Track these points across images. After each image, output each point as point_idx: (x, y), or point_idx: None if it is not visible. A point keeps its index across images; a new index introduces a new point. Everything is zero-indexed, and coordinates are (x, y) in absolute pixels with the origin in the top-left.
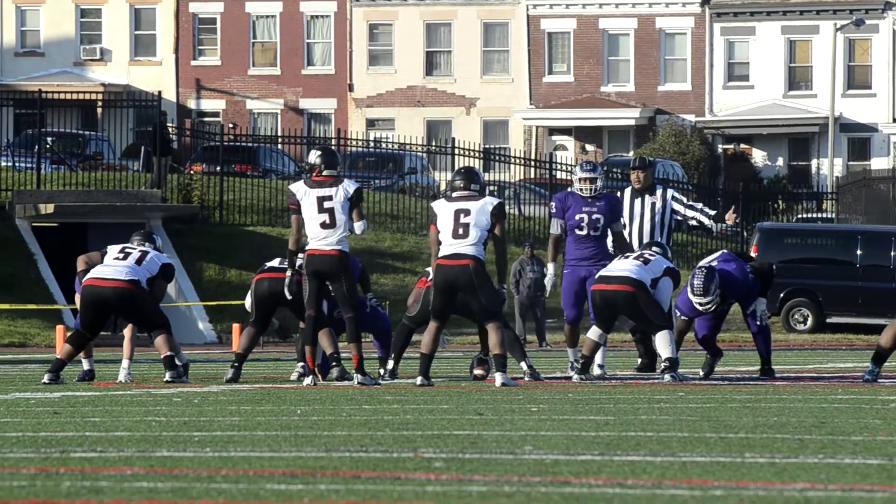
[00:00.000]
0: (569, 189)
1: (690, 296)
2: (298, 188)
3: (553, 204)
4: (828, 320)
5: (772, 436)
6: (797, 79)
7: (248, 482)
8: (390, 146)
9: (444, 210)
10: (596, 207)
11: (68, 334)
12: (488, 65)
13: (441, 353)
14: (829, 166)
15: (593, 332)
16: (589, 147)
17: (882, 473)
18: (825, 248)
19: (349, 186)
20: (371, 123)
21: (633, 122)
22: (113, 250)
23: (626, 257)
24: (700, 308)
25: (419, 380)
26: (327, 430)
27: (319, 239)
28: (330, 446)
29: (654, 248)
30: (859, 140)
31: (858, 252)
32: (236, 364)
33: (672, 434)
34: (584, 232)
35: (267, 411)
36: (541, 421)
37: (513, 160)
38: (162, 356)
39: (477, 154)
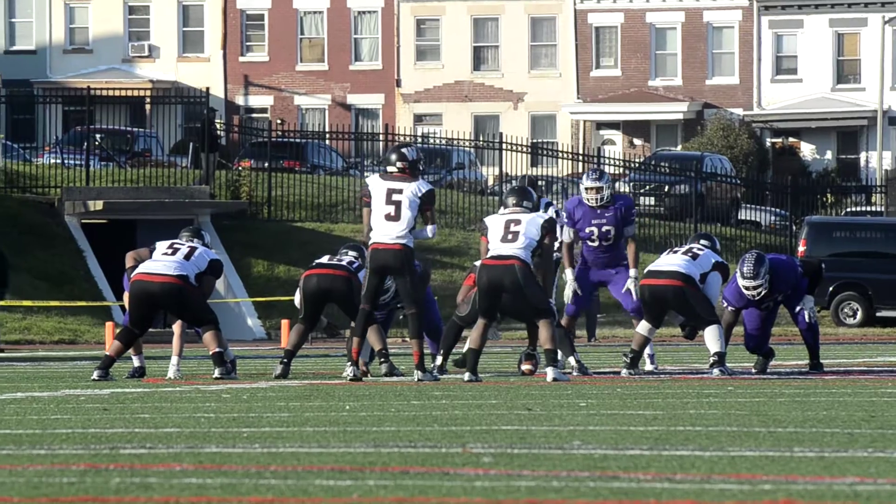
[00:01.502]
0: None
1: (739, 280)
2: (372, 180)
3: (563, 214)
4: (877, 314)
5: (821, 430)
6: (845, 72)
7: (296, 478)
8: (438, 141)
9: (495, 222)
10: (605, 219)
11: (117, 331)
12: (536, 59)
13: (490, 347)
14: (877, 159)
15: (642, 327)
16: (637, 141)
17: None
18: (874, 241)
19: (422, 186)
20: (418, 118)
21: (680, 116)
22: (161, 246)
23: (675, 252)
24: (748, 293)
25: (467, 375)
26: (376, 426)
27: (383, 232)
28: (378, 442)
29: (702, 242)
30: None
31: None
32: (285, 360)
33: (721, 428)
34: (596, 243)
35: (315, 407)
36: (589, 416)
37: (560, 155)
38: (211, 352)
39: (524, 149)
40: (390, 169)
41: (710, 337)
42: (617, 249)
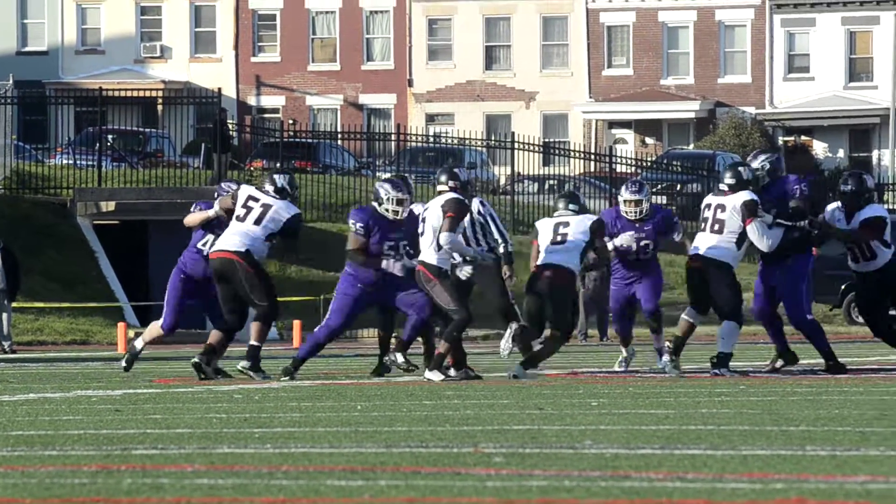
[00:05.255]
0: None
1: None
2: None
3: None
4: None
5: (833, 428)
6: (858, 70)
7: (308, 478)
8: (450, 141)
9: (545, 225)
10: (644, 233)
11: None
12: (547, 59)
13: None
14: (890, 157)
15: (688, 313)
16: (649, 140)
17: None
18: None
19: (447, 196)
20: (430, 118)
21: (692, 115)
22: (242, 196)
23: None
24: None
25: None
26: (387, 426)
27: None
28: (390, 442)
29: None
30: None
31: None
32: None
33: (733, 427)
34: (634, 256)
35: (327, 407)
36: (601, 415)
37: (572, 154)
38: (248, 343)
39: (536, 148)
40: (440, 188)
41: (724, 333)
42: (651, 261)
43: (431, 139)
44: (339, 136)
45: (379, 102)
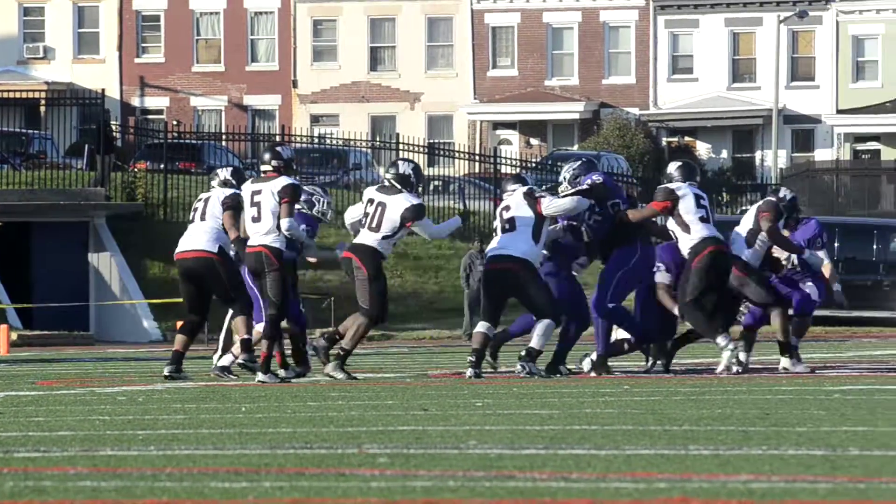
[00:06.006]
0: None
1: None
2: (244, 185)
3: None
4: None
5: (716, 428)
6: (741, 71)
7: (192, 480)
8: (335, 142)
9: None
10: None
11: (180, 324)
12: (432, 60)
13: (387, 348)
14: (773, 158)
15: (483, 326)
16: (533, 141)
17: (825, 464)
18: None
19: (283, 181)
20: (315, 119)
21: (577, 116)
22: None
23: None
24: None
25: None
26: (272, 428)
27: (251, 234)
28: (274, 443)
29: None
30: (803, 132)
31: None
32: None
33: (616, 427)
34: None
35: (211, 409)
36: (485, 415)
37: (457, 155)
38: (239, 338)
39: (421, 149)
40: (263, 168)
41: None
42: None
43: (316, 140)
44: (224, 137)
45: (264, 103)
